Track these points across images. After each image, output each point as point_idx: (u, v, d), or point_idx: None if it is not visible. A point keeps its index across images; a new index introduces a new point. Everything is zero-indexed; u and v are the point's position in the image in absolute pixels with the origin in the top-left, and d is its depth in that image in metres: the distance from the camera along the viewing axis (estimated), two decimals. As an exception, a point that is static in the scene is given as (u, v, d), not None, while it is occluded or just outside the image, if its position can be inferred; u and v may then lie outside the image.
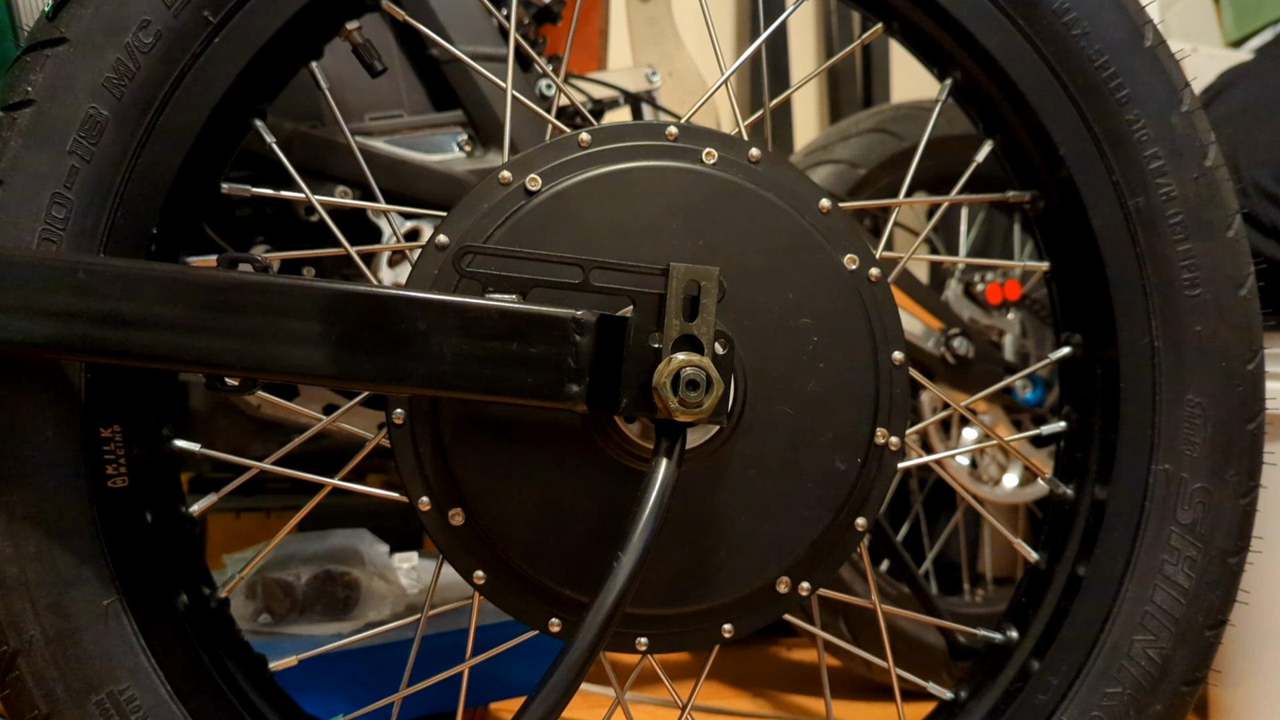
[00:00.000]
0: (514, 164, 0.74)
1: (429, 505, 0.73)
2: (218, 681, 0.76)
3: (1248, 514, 0.84)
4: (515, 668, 1.22)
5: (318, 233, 1.14)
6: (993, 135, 0.89)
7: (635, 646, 0.76)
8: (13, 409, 0.70)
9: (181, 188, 0.74)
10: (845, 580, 1.55)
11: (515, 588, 0.74)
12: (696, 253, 0.73)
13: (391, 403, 0.73)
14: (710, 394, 0.67)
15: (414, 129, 1.21)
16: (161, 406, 0.77)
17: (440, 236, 0.73)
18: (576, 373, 0.69)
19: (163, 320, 0.68)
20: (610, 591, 0.65)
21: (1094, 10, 0.82)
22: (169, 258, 0.76)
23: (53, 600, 0.71)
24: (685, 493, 0.71)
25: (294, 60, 0.80)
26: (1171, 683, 0.83)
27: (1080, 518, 0.87)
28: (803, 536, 0.75)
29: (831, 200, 0.77)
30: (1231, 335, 0.83)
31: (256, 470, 0.81)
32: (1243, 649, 1.39)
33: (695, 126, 0.77)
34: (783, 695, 1.70)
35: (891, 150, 1.74)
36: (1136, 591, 0.83)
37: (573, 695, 0.65)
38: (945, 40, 0.85)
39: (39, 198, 0.71)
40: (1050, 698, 0.83)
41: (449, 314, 0.68)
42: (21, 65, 0.72)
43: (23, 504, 0.70)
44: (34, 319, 0.66)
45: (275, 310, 0.68)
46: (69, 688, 0.71)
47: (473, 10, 1.22)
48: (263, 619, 1.26)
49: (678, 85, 1.88)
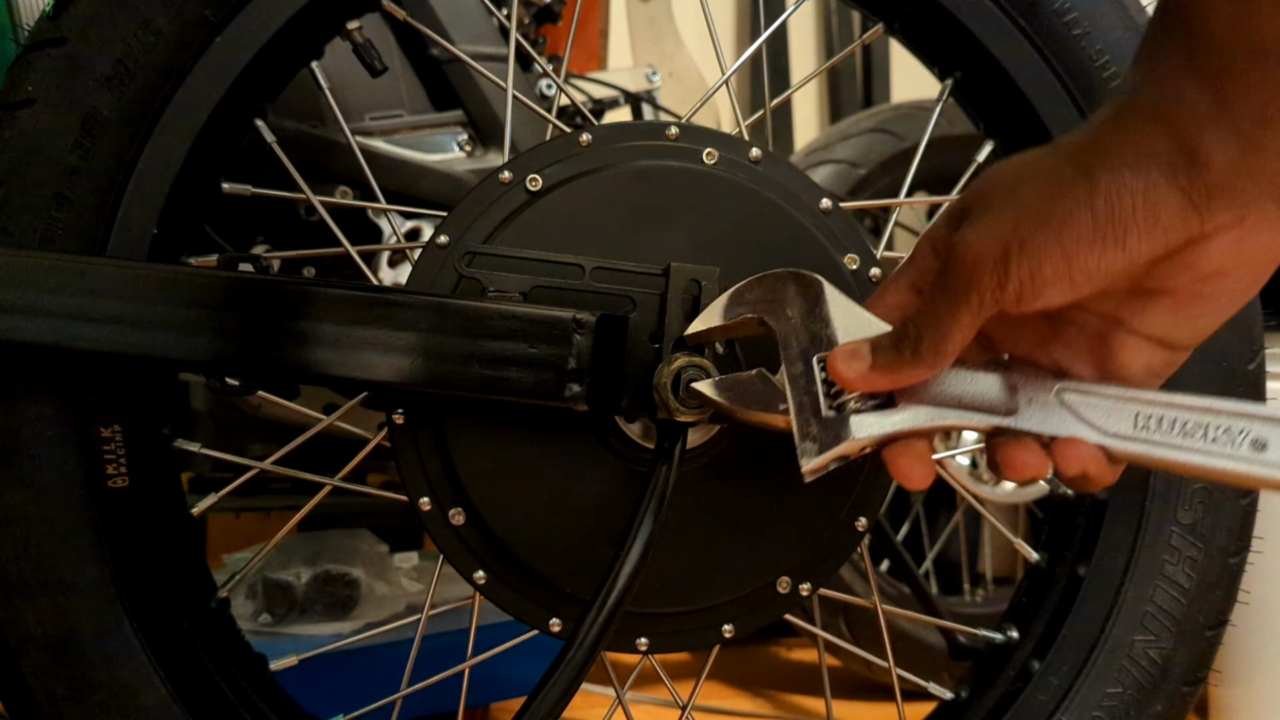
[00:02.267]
0: (515, 164, 0.74)
1: (430, 505, 0.73)
2: (218, 681, 0.76)
3: (1248, 514, 0.84)
4: (515, 668, 1.22)
5: (318, 232, 1.14)
6: (994, 135, 0.89)
7: (636, 646, 0.76)
8: (13, 409, 0.70)
9: (182, 187, 0.74)
10: (845, 580, 1.55)
11: (516, 587, 0.74)
12: (697, 253, 0.73)
13: (392, 403, 0.73)
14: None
15: (414, 129, 1.21)
16: (162, 406, 0.77)
17: (441, 236, 0.73)
18: (577, 373, 0.69)
19: (163, 320, 0.68)
20: (611, 591, 0.65)
21: (1095, 10, 0.82)
22: (169, 258, 0.76)
23: (53, 600, 0.71)
24: (686, 493, 0.71)
25: (294, 60, 0.80)
26: (1172, 682, 0.83)
27: (1081, 518, 0.87)
28: (803, 536, 0.75)
29: (832, 200, 0.77)
30: (1232, 335, 0.83)
31: (256, 470, 0.81)
32: (1243, 649, 1.39)
33: (696, 126, 0.77)
34: (783, 695, 1.70)
35: (892, 150, 1.74)
36: (1137, 591, 0.83)
37: (573, 695, 0.65)
38: (946, 40, 0.85)
39: (40, 197, 0.71)
40: (1051, 698, 0.83)
41: (450, 314, 0.68)
42: (22, 64, 0.72)
43: (23, 503, 0.70)
44: (34, 318, 0.66)
45: (276, 310, 0.68)
46: (69, 687, 0.71)
47: (473, 10, 1.22)
48: (263, 619, 1.26)
49: (678, 85, 1.88)
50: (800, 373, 0.61)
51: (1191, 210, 0.50)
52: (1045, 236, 0.52)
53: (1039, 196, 0.53)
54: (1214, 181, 0.50)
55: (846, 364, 0.58)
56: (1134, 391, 0.57)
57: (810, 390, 0.60)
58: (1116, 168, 0.51)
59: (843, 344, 0.60)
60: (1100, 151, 0.52)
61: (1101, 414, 0.57)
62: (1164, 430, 0.56)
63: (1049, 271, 0.52)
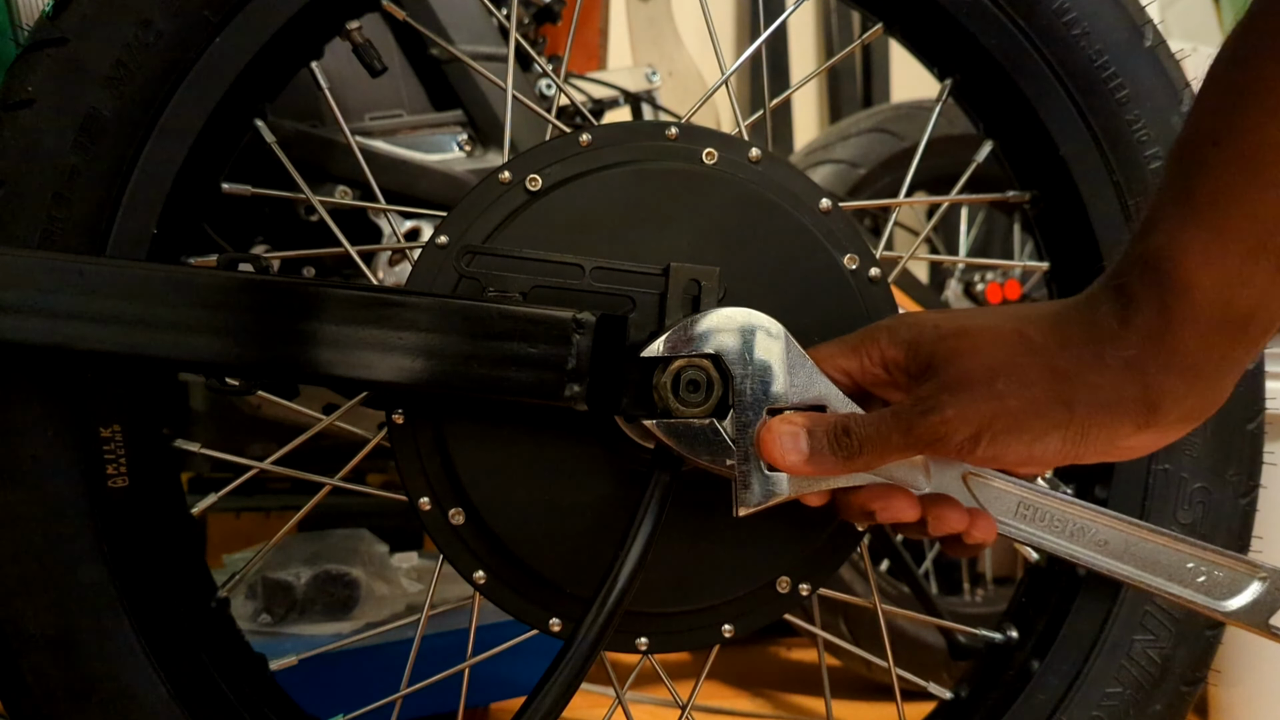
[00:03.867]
0: (514, 164, 0.74)
1: (429, 505, 0.73)
2: (218, 681, 0.76)
3: (1248, 514, 0.84)
4: (515, 668, 1.22)
5: (318, 232, 1.14)
6: (993, 135, 0.89)
7: (635, 646, 0.76)
8: (13, 408, 0.70)
9: (182, 187, 0.74)
10: (845, 580, 1.55)
11: (515, 587, 0.74)
12: (697, 253, 0.73)
13: (392, 402, 0.73)
14: (711, 394, 0.67)
15: (414, 129, 1.21)
16: (161, 406, 0.77)
17: (441, 236, 0.73)
18: (577, 372, 0.69)
19: (163, 320, 0.68)
20: (611, 591, 0.65)
21: (1094, 10, 0.82)
22: (169, 258, 0.76)
23: (53, 600, 0.71)
24: (686, 492, 0.71)
25: (294, 60, 0.80)
26: (1172, 682, 0.83)
27: (1080, 518, 0.86)
28: (803, 536, 0.75)
29: (832, 200, 0.77)
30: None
31: (256, 470, 0.81)
32: (1243, 649, 1.39)
33: (696, 126, 0.77)
34: (783, 695, 1.70)
35: (891, 150, 1.75)
36: (1137, 592, 0.83)
37: (573, 695, 0.65)
38: (945, 40, 0.85)
39: (40, 197, 0.71)
40: (1050, 697, 0.83)
41: (450, 314, 0.68)
42: (22, 64, 0.72)
43: (23, 503, 0.70)
44: (34, 318, 0.66)
45: (276, 310, 0.68)
46: (69, 687, 0.71)
47: (473, 10, 1.22)
48: (263, 619, 1.26)
49: (678, 85, 1.88)
50: (749, 422, 0.66)
51: (1140, 434, 0.60)
52: (1017, 439, 0.60)
53: (1018, 402, 0.60)
54: (1163, 421, 0.59)
55: (783, 451, 0.64)
56: (1019, 484, 0.69)
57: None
58: (1093, 408, 0.59)
59: (781, 424, 0.64)
60: (1085, 388, 0.59)
61: (991, 497, 0.68)
62: (1037, 519, 0.69)
63: (1010, 459, 0.61)
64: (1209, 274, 0.55)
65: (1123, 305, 0.59)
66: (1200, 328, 0.57)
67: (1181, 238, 0.56)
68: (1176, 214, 0.57)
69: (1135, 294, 0.58)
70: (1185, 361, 0.57)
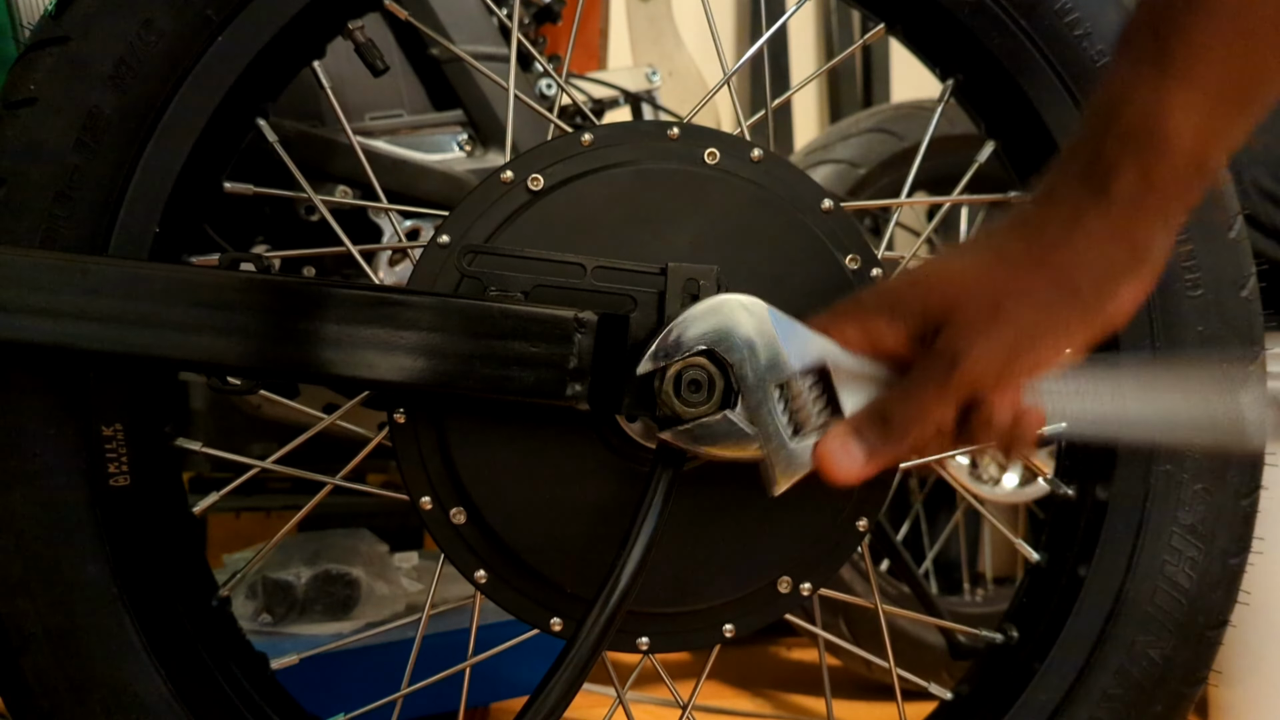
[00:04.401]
0: (516, 163, 0.74)
1: (431, 504, 0.73)
2: (218, 680, 0.76)
3: (1249, 515, 0.84)
4: (516, 667, 1.22)
5: (318, 232, 1.14)
6: (995, 135, 0.89)
7: (636, 646, 0.76)
8: (15, 407, 0.70)
9: (184, 186, 0.74)
10: (845, 580, 1.55)
11: (517, 587, 0.74)
12: (699, 253, 0.73)
13: (393, 402, 0.73)
14: (714, 388, 0.67)
15: (414, 128, 1.21)
16: (163, 405, 0.77)
17: (442, 236, 0.73)
18: (578, 372, 0.69)
19: (164, 319, 0.68)
20: (613, 591, 0.65)
21: (1096, 10, 0.82)
22: (171, 257, 0.76)
23: (54, 598, 0.71)
24: (687, 491, 0.71)
25: (296, 59, 0.80)
26: (1172, 683, 0.83)
27: (1082, 518, 0.86)
28: (803, 536, 0.75)
29: (833, 200, 0.77)
30: (1233, 336, 0.83)
31: (257, 470, 0.81)
32: (1243, 649, 1.39)
33: (697, 126, 0.77)
34: (783, 695, 1.70)
35: (892, 150, 1.74)
36: (1138, 592, 0.83)
37: (575, 695, 0.65)
38: (947, 41, 0.85)
39: (42, 196, 0.71)
40: (1051, 698, 0.83)
41: (452, 313, 0.68)
42: (24, 63, 0.72)
43: (25, 502, 0.70)
44: (36, 318, 0.66)
45: (277, 310, 0.68)
46: (70, 686, 0.71)
47: (473, 9, 1.22)
48: (263, 619, 1.26)
49: (678, 85, 1.88)
50: (760, 401, 0.65)
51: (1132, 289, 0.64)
52: (1046, 345, 0.63)
53: (1031, 313, 0.62)
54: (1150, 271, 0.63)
55: (846, 468, 0.65)
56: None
57: (773, 420, 0.66)
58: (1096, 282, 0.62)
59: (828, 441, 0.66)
60: (1080, 269, 0.62)
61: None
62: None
63: (1048, 363, 0.64)
64: (1189, 130, 0.59)
65: (1099, 179, 0.62)
66: (1178, 183, 0.61)
67: (1164, 99, 0.59)
68: (1153, 79, 0.60)
69: (1113, 164, 0.61)
70: (1164, 214, 0.62)
